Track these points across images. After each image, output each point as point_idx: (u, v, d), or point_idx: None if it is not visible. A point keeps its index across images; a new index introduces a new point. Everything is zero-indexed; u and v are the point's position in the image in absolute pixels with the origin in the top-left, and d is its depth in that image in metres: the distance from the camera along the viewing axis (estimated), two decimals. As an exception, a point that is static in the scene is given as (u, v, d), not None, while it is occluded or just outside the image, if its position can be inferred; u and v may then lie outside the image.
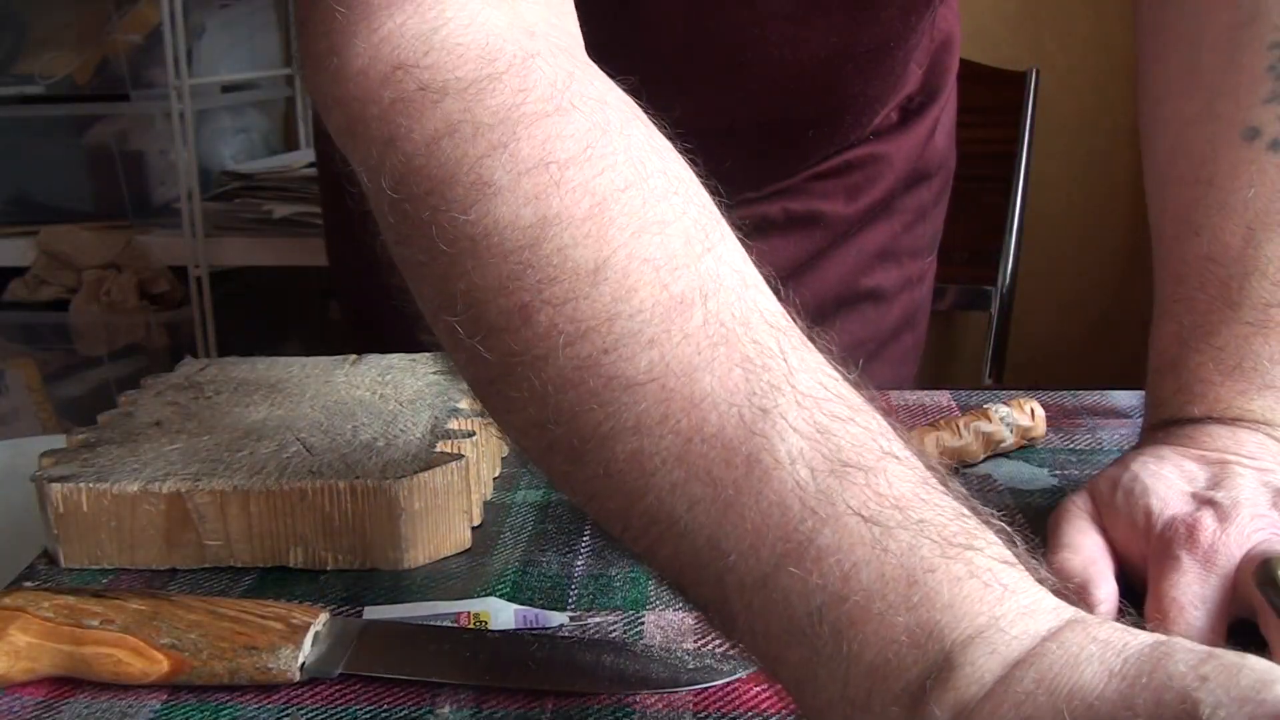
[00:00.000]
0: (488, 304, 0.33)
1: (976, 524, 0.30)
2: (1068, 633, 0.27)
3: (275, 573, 0.48)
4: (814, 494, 0.29)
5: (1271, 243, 0.48)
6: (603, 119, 0.35)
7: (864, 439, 0.30)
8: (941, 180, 0.83)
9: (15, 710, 0.40)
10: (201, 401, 0.57)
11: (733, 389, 0.31)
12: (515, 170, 0.33)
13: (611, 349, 0.31)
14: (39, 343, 1.90)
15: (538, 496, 0.55)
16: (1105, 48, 1.94)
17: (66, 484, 0.48)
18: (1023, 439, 0.59)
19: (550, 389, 0.32)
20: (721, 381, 0.31)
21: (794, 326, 0.33)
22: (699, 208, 0.34)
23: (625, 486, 0.32)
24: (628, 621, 0.44)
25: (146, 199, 1.90)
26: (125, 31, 1.83)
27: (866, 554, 0.28)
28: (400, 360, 0.62)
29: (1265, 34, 0.49)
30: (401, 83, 0.36)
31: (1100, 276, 2.05)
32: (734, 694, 0.40)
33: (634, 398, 0.31)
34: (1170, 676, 0.25)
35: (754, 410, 0.30)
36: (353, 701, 0.40)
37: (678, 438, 0.31)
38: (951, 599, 0.28)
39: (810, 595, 0.29)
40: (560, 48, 0.37)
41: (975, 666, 0.27)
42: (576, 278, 0.32)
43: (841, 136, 0.76)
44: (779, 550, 0.29)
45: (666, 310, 0.32)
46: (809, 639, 0.29)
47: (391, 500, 0.48)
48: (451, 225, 0.34)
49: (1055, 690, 0.26)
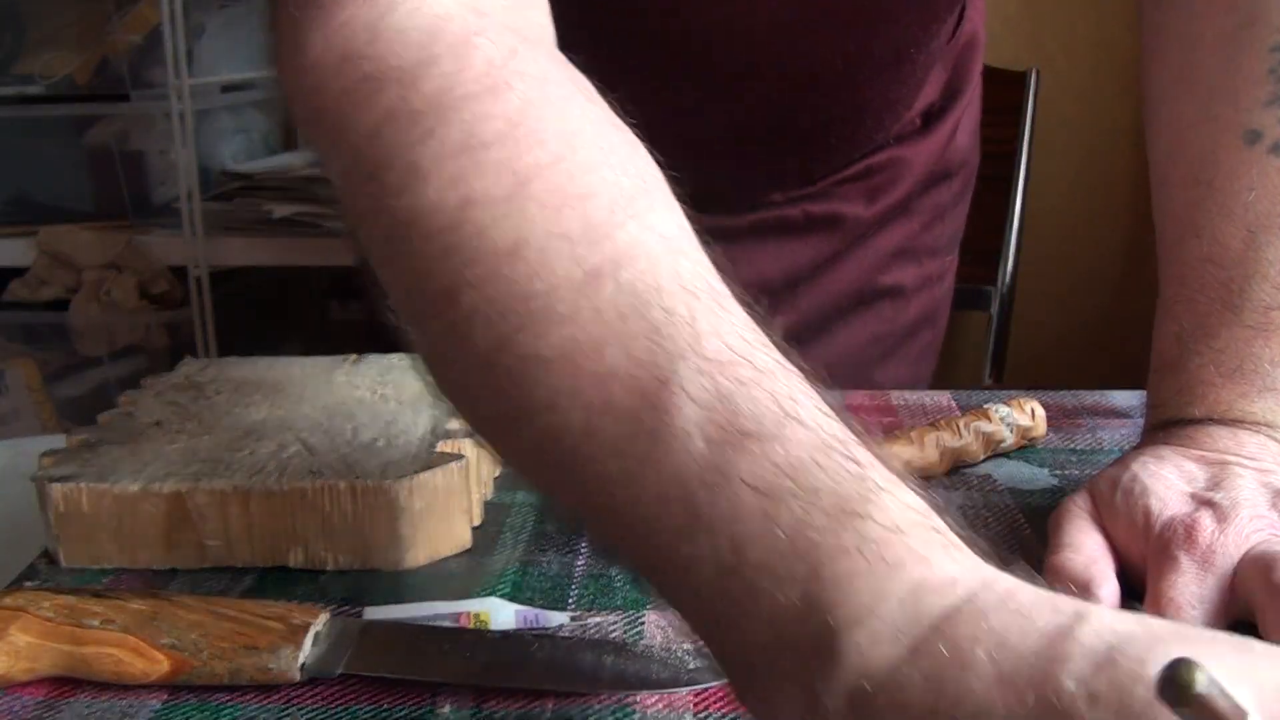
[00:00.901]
0: (421, 288, 0.34)
1: (882, 480, 0.28)
2: (960, 622, 0.26)
3: (275, 573, 0.48)
4: (708, 466, 0.29)
5: (1272, 246, 0.48)
6: (539, 95, 0.35)
7: (765, 403, 0.30)
8: (963, 179, 0.83)
9: (15, 710, 0.40)
10: (201, 402, 0.57)
11: (637, 361, 0.31)
12: (441, 154, 0.34)
13: (526, 327, 0.32)
14: (39, 343, 1.90)
15: (538, 497, 0.55)
16: (1105, 48, 1.94)
17: (67, 484, 0.48)
18: (1023, 439, 0.59)
19: (475, 369, 0.33)
20: (627, 353, 0.31)
21: (715, 288, 0.33)
22: (632, 177, 0.34)
23: (548, 462, 0.32)
24: (628, 621, 0.44)
25: (146, 199, 1.90)
26: (125, 31, 1.83)
27: (756, 527, 0.28)
28: (400, 360, 0.62)
29: (1265, 36, 0.49)
30: (348, 73, 0.37)
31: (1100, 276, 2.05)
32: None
33: (547, 375, 0.31)
34: (1058, 695, 0.24)
35: (655, 382, 0.30)
36: (353, 702, 0.40)
37: (588, 413, 0.31)
38: (837, 576, 0.27)
39: (705, 570, 0.29)
40: (508, 26, 0.38)
41: (861, 655, 0.26)
42: (495, 257, 0.32)
43: (862, 141, 0.76)
44: (677, 524, 0.29)
45: (579, 285, 0.32)
46: (711, 614, 0.29)
47: (392, 500, 0.48)
48: (388, 212, 0.34)
49: (942, 691, 0.25)
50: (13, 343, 1.90)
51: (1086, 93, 1.95)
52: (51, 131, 1.90)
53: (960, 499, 0.54)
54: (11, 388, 1.91)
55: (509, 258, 0.32)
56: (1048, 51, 1.91)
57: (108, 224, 1.87)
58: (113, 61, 1.83)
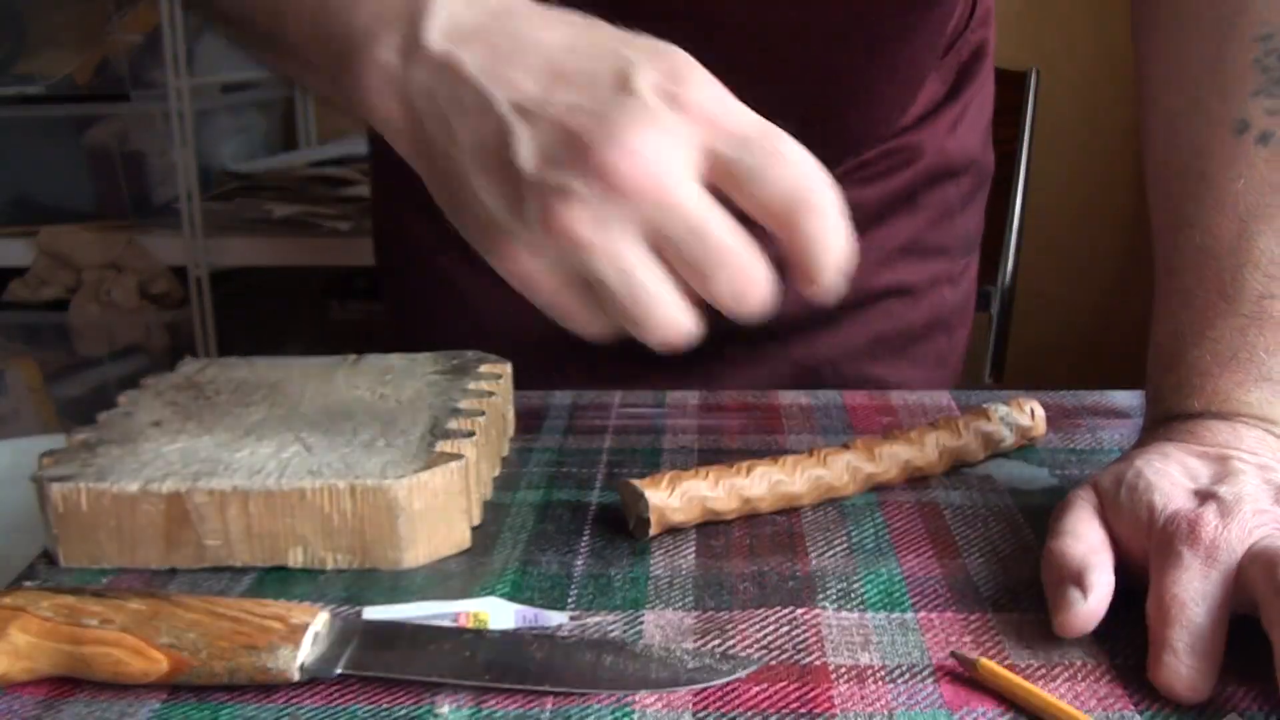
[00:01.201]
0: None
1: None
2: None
3: (275, 573, 0.48)
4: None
5: (1264, 235, 0.48)
6: None
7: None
8: (972, 180, 0.83)
9: (15, 710, 0.40)
10: (201, 401, 0.57)
11: None
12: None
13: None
14: (39, 343, 1.91)
15: (537, 497, 0.55)
16: (1105, 48, 1.94)
17: (66, 484, 0.48)
18: (1023, 439, 0.59)
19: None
20: None
21: None
22: None
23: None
24: (627, 621, 0.44)
25: (146, 199, 1.90)
26: (125, 31, 1.83)
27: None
28: (400, 360, 0.62)
29: (1251, 27, 0.49)
30: None
31: (1100, 276, 2.05)
32: (734, 694, 0.40)
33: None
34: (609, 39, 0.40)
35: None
36: (352, 701, 0.40)
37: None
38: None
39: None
40: None
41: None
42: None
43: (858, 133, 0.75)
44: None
45: None
46: (319, 33, 0.44)
47: (391, 500, 0.47)
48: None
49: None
50: (13, 343, 1.90)
51: (1086, 93, 1.95)
52: (51, 131, 1.90)
53: (960, 499, 0.54)
54: (11, 388, 1.92)
55: None
56: (1048, 51, 1.91)
57: (108, 224, 1.87)
58: (113, 61, 1.84)
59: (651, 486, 0.50)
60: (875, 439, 0.55)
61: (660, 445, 0.61)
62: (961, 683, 0.40)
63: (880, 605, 0.45)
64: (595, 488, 0.56)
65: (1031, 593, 0.45)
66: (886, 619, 0.44)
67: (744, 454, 0.56)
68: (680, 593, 0.46)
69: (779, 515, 0.52)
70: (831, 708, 0.39)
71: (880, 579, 0.47)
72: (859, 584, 0.46)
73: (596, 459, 0.59)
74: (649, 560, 0.49)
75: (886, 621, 0.44)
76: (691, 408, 0.66)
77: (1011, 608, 0.45)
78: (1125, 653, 0.41)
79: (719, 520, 0.51)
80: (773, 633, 0.43)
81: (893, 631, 0.43)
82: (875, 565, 0.48)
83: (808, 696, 0.39)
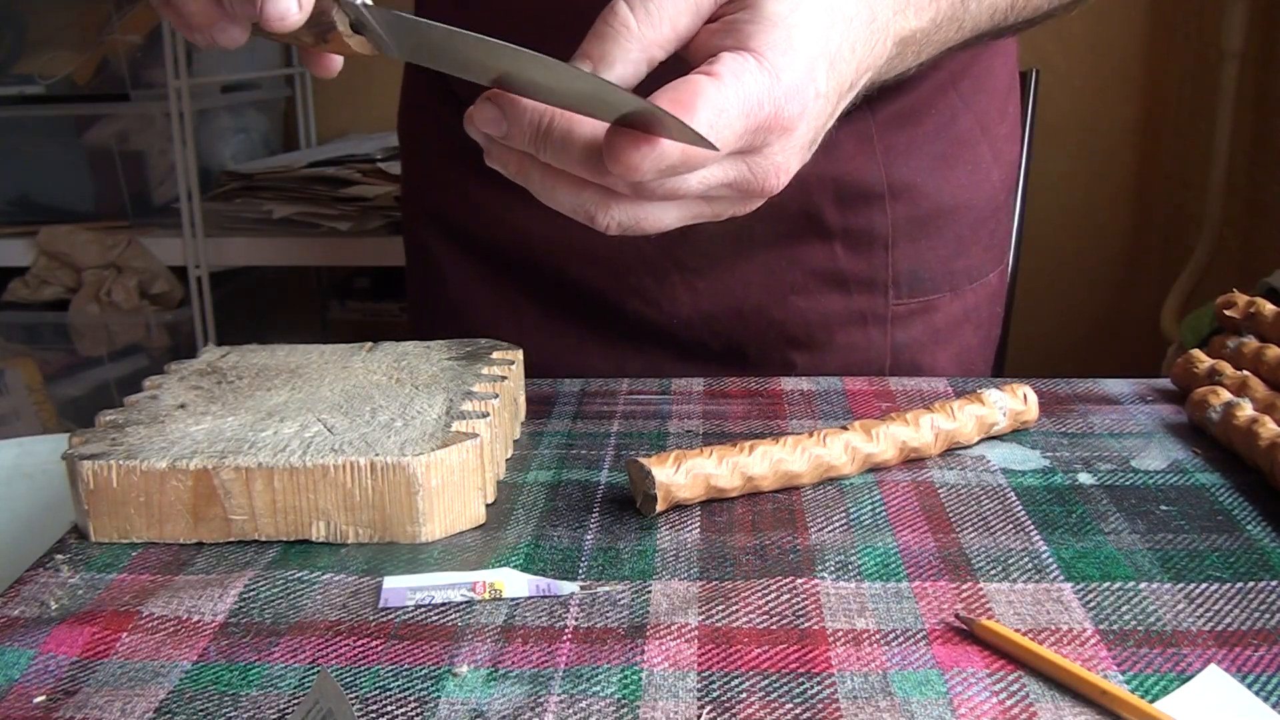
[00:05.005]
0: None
1: None
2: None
3: (298, 546, 0.50)
4: None
5: None
6: None
7: None
8: (1001, 172, 0.83)
9: (51, 669, 0.42)
10: (224, 386, 0.59)
11: None
12: None
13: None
14: (39, 343, 1.92)
15: (548, 477, 0.57)
16: (1105, 48, 1.96)
17: (97, 461, 0.50)
18: (1016, 423, 0.61)
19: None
20: None
21: None
22: None
23: None
24: (635, 590, 0.46)
25: (146, 199, 1.91)
26: (125, 31, 1.84)
27: None
28: (414, 347, 0.64)
29: None
30: None
31: (1099, 275, 2.07)
32: (737, 655, 0.42)
33: None
34: None
35: None
36: (374, 662, 0.42)
37: None
38: None
39: None
40: None
41: None
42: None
43: None
44: None
45: None
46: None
47: (410, 477, 0.50)
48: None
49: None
50: (13, 343, 1.91)
51: (1086, 93, 1.97)
52: (51, 131, 1.91)
53: (954, 478, 0.56)
54: (11, 388, 1.93)
55: None
56: (1048, 51, 1.93)
57: (108, 224, 1.88)
58: (113, 61, 1.85)
59: (658, 464, 0.52)
60: (874, 421, 0.57)
61: (666, 429, 0.63)
62: (953, 645, 0.42)
63: (876, 576, 0.47)
64: (604, 469, 0.58)
65: (1021, 565, 0.47)
66: (882, 588, 0.46)
67: (747, 438, 0.58)
68: (686, 565, 0.48)
69: (780, 493, 0.55)
70: (829, 668, 0.41)
71: (877, 552, 0.49)
72: (856, 556, 0.49)
73: (605, 442, 0.61)
74: (656, 535, 0.51)
75: (882, 590, 0.46)
76: (696, 394, 0.68)
77: (1002, 578, 0.47)
78: (1110, 619, 0.43)
79: (723, 497, 0.53)
80: (774, 600, 0.45)
81: (888, 600, 0.45)
82: (872, 539, 0.50)
83: (807, 658, 0.41)
